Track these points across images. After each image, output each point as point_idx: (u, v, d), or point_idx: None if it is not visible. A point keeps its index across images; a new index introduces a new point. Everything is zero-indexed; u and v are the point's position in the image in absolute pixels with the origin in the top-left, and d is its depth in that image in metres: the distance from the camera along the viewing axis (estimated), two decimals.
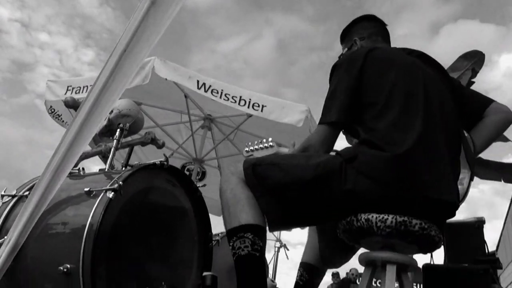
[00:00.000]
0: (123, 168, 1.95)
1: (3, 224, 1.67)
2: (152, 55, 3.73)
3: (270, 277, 5.27)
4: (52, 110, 4.55)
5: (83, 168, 1.93)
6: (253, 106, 3.78)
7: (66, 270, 1.43)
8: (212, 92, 3.75)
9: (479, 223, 1.94)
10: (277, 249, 5.76)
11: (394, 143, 1.24)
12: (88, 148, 2.53)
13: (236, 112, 4.40)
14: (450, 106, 1.44)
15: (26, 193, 1.75)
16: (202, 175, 5.31)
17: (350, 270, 8.43)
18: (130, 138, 2.64)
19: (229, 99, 3.76)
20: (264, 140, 1.66)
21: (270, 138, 1.65)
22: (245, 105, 3.78)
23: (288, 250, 5.87)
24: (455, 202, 1.29)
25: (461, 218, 2.02)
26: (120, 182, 1.56)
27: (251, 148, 1.69)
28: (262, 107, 3.79)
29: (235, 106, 3.79)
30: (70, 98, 2.96)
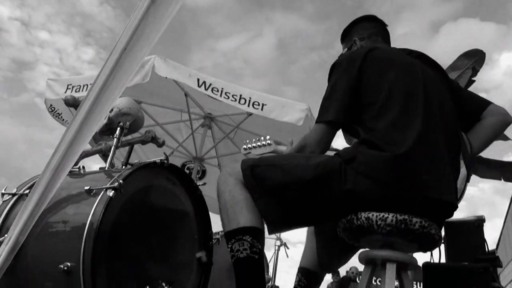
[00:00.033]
0: (123, 166, 1.96)
1: (4, 222, 1.68)
2: (152, 54, 3.73)
3: (270, 275, 5.27)
4: (52, 109, 4.55)
5: (83, 166, 1.93)
6: (253, 104, 3.78)
7: (66, 268, 1.43)
8: (212, 90, 3.75)
9: (479, 222, 1.94)
10: (277, 247, 5.75)
11: (394, 143, 1.24)
12: (88, 146, 2.53)
13: (236, 110, 4.40)
14: (449, 106, 1.44)
15: (27, 191, 1.75)
16: (202, 174, 5.31)
17: (350, 269, 8.42)
18: (130, 136, 2.64)
19: (229, 98, 3.76)
20: (262, 138, 1.66)
21: (268, 136, 1.65)
22: (245, 103, 3.77)
23: (288, 249, 5.87)
24: (454, 202, 1.29)
25: (461, 217, 2.02)
26: (120, 181, 1.56)
27: (249, 146, 1.69)
28: (262, 106, 3.78)
29: (236, 105, 3.79)
30: (70, 97, 2.96)
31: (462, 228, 1.95)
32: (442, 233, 1.35)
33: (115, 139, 2.24)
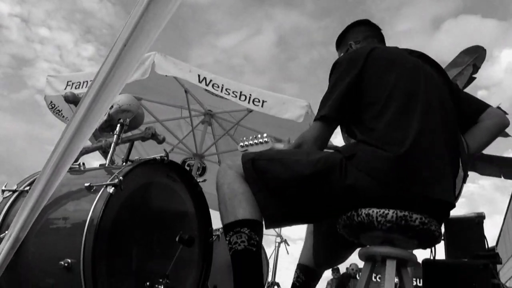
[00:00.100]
0: (124, 163, 1.95)
1: (4, 219, 1.68)
2: (152, 50, 3.73)
3: (270, 272, 5.29)
4: (52, 106, 4.54)
5: (84, 163, 1.93)
6: (253, 101, 3.77)
7: (66, 265, 1.44)
8: (213, 86, 3.75)
9: (479, 219, 1.95)
10: (277, 244, 5.77)
11: (394, 143, 1.24)
12: (88, 143, 2.53)
13: (236, 107, 4.39)
14: (450, 106, 1.45)
15: (27, 188, 1.75)
16: (203, 171, 5.32)
17: (350, 265, 8.44)
18: (130, 133, 2.65)
19: (229, 94, 3.75)
20: (259, 135, 1.66)
21: (265, 134, 1.65)
22: (245, 100, 3.77)
23: (288, 246, 5.88)
24: (453, 202, 1.29)
25: (461, 214, 2.02)
26: (120, 177, 1.56)
27: (246, 143, 1.69)
28: (263, 103, 3.78)
29: (236, 101, 3.78)
30: (70, 93, 2.96)
31: (462, 224, 1.95)
32: (442, 229, 1.35)
33: (115, 136, 2.24)
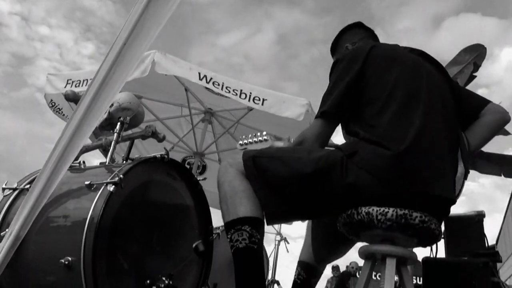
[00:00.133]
0: (124, 161, 1.95)
1: (5, 217, 1.68)
2: (152, 49, 3.72)
3: (270, 270, 5.30)
4: (52, 104, 4.54)
5: (84, 161, 1.93)
6: (253, 99, 3.77)
7: (67, 263, 1.44)
8: (213, 84, 3.75)
9: (479, 217, 1.94)
10: (277, 242, 5.77)
11: (395, 140, 1.24)
12: (88, 141, 2.53)
13: (236, 105, 4.38)
14: (450, 104, 1.45)
15: (27, 186, 1.75)
16: (203, 169, 5.32)
17: (350, 263, 8.45)
18: (130, 131, 2.65)
19: (230, 92, 3.75)
20: (258, 133, 1.66)
21: (264, 132, 1.65)
22: (245, 98, 3.77)
23: (288, 244, 5.88)
24: (454, 199, 1.29)
25: (461, 212, 2.02)
26: (120, 176, 1.56)
27: (245, 141, 1.69)
28: (263, 101, 3.78)
29: (236, 99, 3.78)
30: (70, 92, 2.96)
31: (462, 223, 1.95)
32: (442, 228, 1.35)
33: (116, 134, 2.25)
